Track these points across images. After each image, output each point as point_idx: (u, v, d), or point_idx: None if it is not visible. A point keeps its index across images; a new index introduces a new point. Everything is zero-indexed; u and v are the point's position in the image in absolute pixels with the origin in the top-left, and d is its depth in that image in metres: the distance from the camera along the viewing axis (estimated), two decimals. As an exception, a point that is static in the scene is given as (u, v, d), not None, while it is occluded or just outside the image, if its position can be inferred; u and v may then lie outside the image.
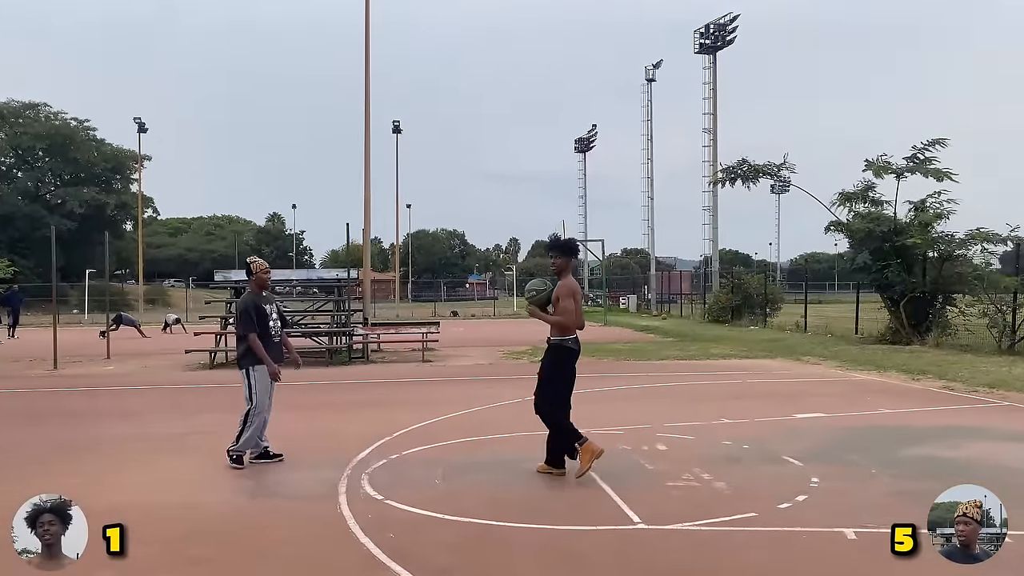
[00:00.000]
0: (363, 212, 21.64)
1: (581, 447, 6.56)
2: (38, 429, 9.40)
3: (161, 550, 4.90)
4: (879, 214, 19.51)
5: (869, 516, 5.44)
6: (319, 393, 12.60)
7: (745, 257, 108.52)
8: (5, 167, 70.13)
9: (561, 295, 6.59)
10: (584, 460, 6.52)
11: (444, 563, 4.62)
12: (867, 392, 11.82)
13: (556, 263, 6.90)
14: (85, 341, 23.48)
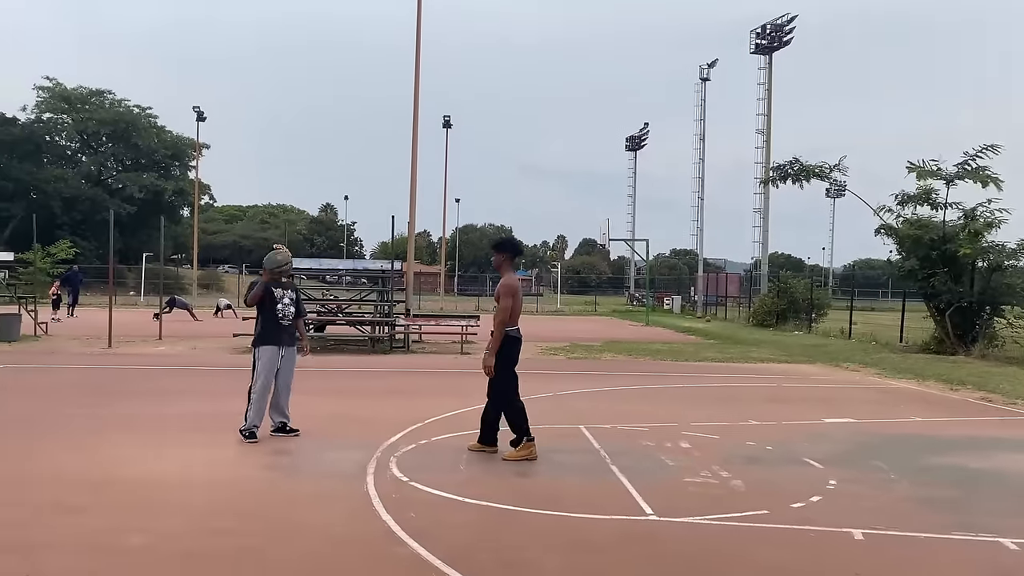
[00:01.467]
0: (409, 207, 22.02)
1: (527, 441, 7.14)
2: (89, 405, 9.88)
3: (191, 522, 5.21)
4: (928, 221, 19.22)
5: (880, 519, 5.54)
6: (358, 379, 12.97)
7: (798, 261, 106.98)
8: (71, 151, 72.52)
9: (501, 293, 7.14)
10: (518, 453, 7.11)
11: (459, 543, 4.85)
12: (902, 400, 11.76)
13: (495, 260, 7.53)
14: (139, 322, 24.28)
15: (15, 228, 58.59)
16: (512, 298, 7.16)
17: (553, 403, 10.70)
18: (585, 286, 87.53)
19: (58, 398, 10.28)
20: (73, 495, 5.71)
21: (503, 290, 7.17)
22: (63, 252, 34.51)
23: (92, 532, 4.92)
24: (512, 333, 7.22)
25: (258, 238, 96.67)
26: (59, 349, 16.82)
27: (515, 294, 7.21)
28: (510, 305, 7.14)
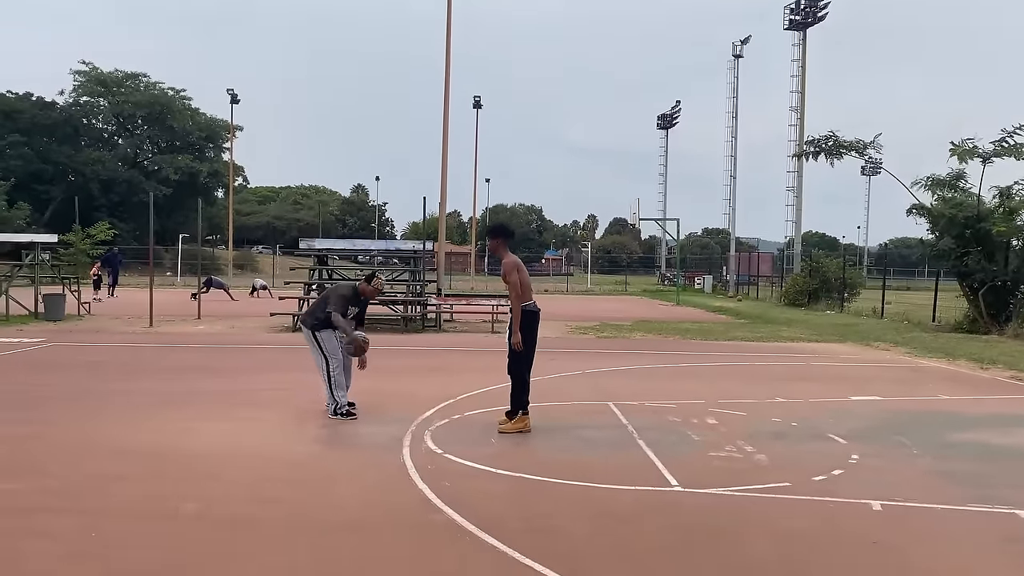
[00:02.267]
0: (440, 187, 22.25)
1: (522, 415, 7.43)
2: (136, 381, 10.28)
3: (240, 490, 5.52)
4: (963, 199, 19.05)
5: (900, 491, 5.70)
6: (392, 358, 13.26)
7: (832, 240, 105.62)
8: (107, 134, 73.74)
9: (507, 272, 7.37)
10: (513, 425, 7.39)
11: (492, 510, 5.09)
12: (930, 379, 11.80)
13: (489, 245, 7.94)
14: (177, 302, 24.87)
15: (55, 210, 59.85)
16: (519, 272, 7.43)
17: (582, 380, 10.92)
18: (616, 266, 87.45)
19: (105, 374, 10.70)
20: (126, 465, 6.05)
21: (508, 267, 7.42)
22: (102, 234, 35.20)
23: (146, 499, 5.24)
24: (528, 307, 7.46)
25: (291, 219, 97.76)
26: (103, 328, 17.35)
27: (520, 269, 7.48)
28: (518, 280, 7.38)
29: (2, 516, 4.80)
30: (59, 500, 5.16)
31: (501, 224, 8.64)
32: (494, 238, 7.95)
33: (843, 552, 4.55)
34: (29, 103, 64.38)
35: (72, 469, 5.92)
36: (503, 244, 7.74)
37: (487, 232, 8.35)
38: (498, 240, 7.83)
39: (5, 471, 5.83)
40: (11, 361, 11.93)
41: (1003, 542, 4.78)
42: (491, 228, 8.46)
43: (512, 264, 7.45)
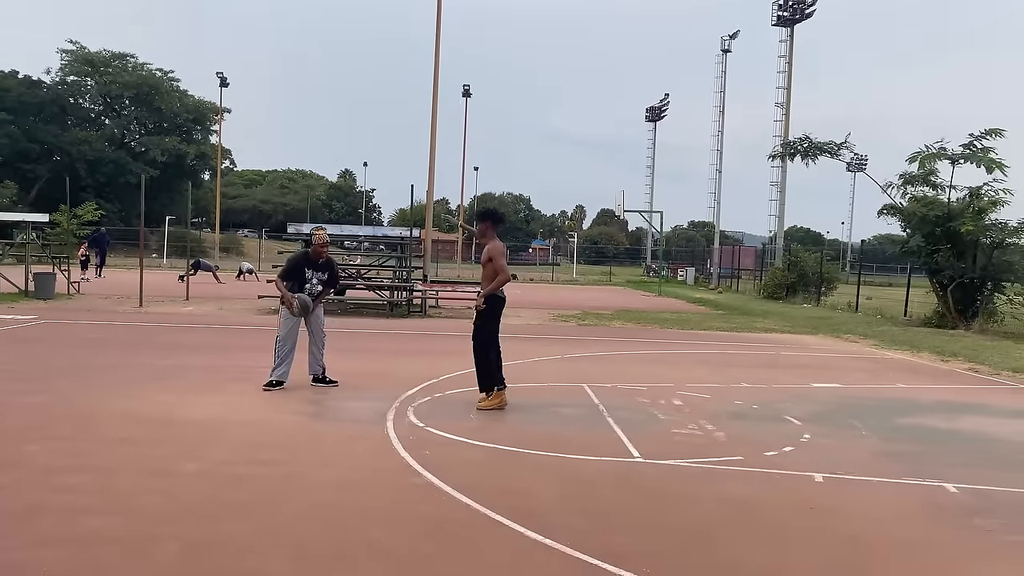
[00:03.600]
0: (427, 174, 22.66)
1: (499, 390, 7.93)
2: (132, 356, 10.70)
3: (237, 454, 6.00)
4: (934, 199, 19.69)
5: (842, 466, 6.25)
6: (378, 340, 13.75)
7: (817, 235, 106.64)
8: (94, 114, 73.46)
9: (494, 256, 7.84)
10: (491, 402, 7.88)
11: (467, 475, 5.59)
12: (892, 369, 12.39)
13: (479, 228, 8.33)
14: (164, 283, 25.20)
15: (41, 189, 59.74)
16: (504, 259, 7.94)
17: (560, 364, 11.43)
18: (602, 256, 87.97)
19: (101, 350, 11.11)
20: (130, 430, 6.51)
21: (495, 252, 7.89)
22: (89, 214, 35.35)
23: (151, 459, 5.71)
24: (499, 294, 7.97)
25: (277, 203, 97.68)
26: (93, 307, 17.69)
27: (504, 255, 8.00)
28: (505, 264, 7.90)
29: (26, 474, 5.26)
30: (73, 460, 5.61)
31: (492, 210, 9.05)
32: (484, 222, 8.35)
33: (781, 514, 5.08)
34: (15, 81, 64.10)
35: (82, 433, 6.37)
36: (492, 229, 8.18)
37: (478, 216, 8.70)
38: (487, 224, 8.24)
39: (22, 435, 6.27)
40: (8, 336, 12.31)
41: (926, 508, 5.33)
42: (482, 213, 8.78)
43: (501, 250, 7.92)
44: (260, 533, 4.38)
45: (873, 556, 4.42)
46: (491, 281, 7.89)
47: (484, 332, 8.00)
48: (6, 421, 6.72)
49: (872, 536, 4.73)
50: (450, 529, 4.58)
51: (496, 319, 8.04)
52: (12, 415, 6.95)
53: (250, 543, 4.23)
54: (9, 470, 5.31)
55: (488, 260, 7.94)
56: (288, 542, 4.27)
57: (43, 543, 4.10)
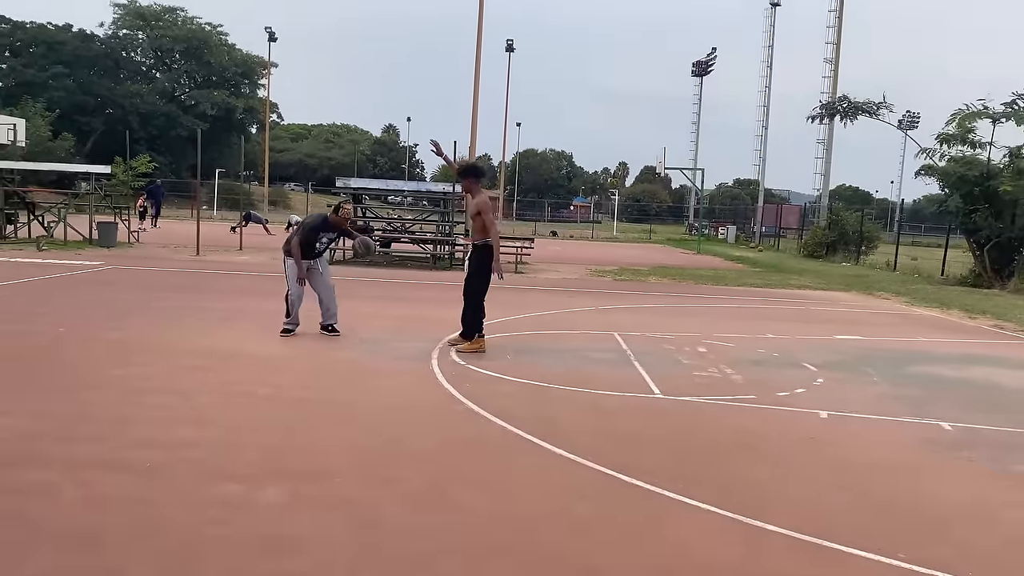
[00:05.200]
0: (470, 130, 23.17)
1: (479, 337, 8.42)
2: (196, 299, 11.56)
3: (301, 381, 6.76)
4: (972, 158, 19.71)
5: (848, 406, 6.80)
6: (421, 290, 14.48)
7: (865, 194, 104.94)
8: (146, 68, 74.86)
9: (482, 210, 8.34)
10: (470, 346, 8.36)
11: (502, 404, 6.26)
12: (917, 324, 12.78)
13: (463, 185, 8.77)
14: (217, 234, 26.21)
15: (95, 142, 61.41)
16: (491, 213, 8.46)
17: (594, 315, 12.05)
18: (645, 214, 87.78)
19: (166, 294, 11.99)
20: (205, 361, 7.30)
21: (483, 206, 8.40)
22: (143, 166, 36.62)
23: (227, 383, 6.49)
24: (489, 243, 8.45)
25: (323, 157, 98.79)
26: (154, 255, 18.70)
27: (492, 209, 8.51)
28: (492, 218, 8.45)
29: (117, 393, 6.06)
30: (157, 383, 6.41)
31: (473, 165, 9.53)
32: (467, 178, 8.74)
33: (783, 442, 5.68)
34: (70, 35, 65.54)
35: (162, 362, 7.17)
36: (476, 183, 8.70)
37: (459, 173, 8.98)
38: (470, 180, 8.71)
39: (110, 363, 7.11)
40: (81, 280, 13.27)
41: (917, 441, 5.88)
42: (463, 169, 9.00)
43: (486, 203, 8.47)
44: (322, 440, 5.12)
45: (857, 475, 5.01)
46: (480, 232, 8.46)
47: (481, 282, 8.54)
48: (95, 351, 7.57)
49: (860, 460, 5.32)
50: (484, 442, 5.28)
51: (489, 270, 8.50)
52: (99, 347, 7.79)
53: (315, 447, 4.97)
54: (105, 390, 6.12)
55: (477, 214, 8.47)
56: (346, 447, 5.00)
57: (139, 445, 4.86)
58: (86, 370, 6.80)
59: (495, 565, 3.55)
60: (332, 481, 4.42)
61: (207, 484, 4.27)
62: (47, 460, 4.52)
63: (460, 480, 4.56)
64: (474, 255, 8.69)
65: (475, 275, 8.62)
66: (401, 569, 3.45)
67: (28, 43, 63.86)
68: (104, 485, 4.20)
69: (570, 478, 4.69)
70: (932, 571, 3.65)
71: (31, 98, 52.16)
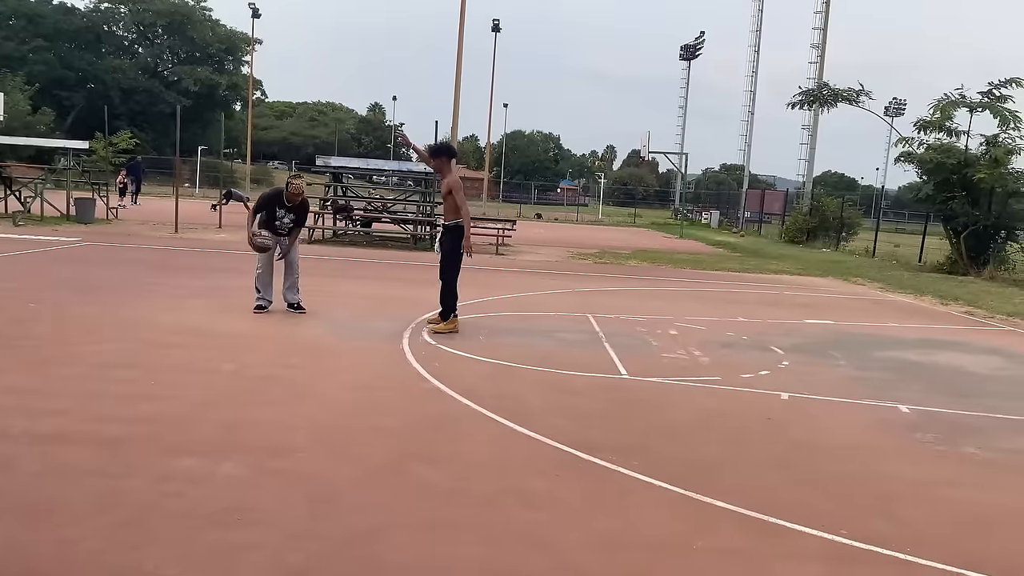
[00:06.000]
0: (452, 111, 23.10)
1: (453, 316, 8.51)
2: (170, 276, 11.54)
3: (268, 359, 6.79)
4: (950, 146, 19.88)
5: (810, 388, 6.91)
6: (399, 271, 14.50)
7: (851, 181, 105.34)
8: (127, 42, 74.04)
9: (453, 188, 8.34)
10: (445, 326, 8.43)
11: (470, 383, 6.33)
12: (889, 310, 12.94)
13: (434, 164, 8.74)
14: (198, 212, 26.05)
15: (76, 116, 60.78)
16: (463, 192, 8.46)
17: (570, 297, 12.12)
18: (631, 198, 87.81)
19: (142, 270, 11.96)
20: (171, 337, 7.32)
21: (455, 186, 8.38)
22: (124, 142, 36.39)
23: (191, 360, 6.52)
24: (461, 224, 8.48)
25: (307, 135, 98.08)
26: (132, 232, 18.61)
27: (462, 189, 8.50)
28: (464, 198, 8.44)
29: (88, 368, 6.08)
30: (125, 358, 6.44)
31: (446, 144, 9.49)
32: (438, 157, 8.74)
33: (741, 422, 5.79)
34: (51, 8, 64.79)
35: (131, 338, 7.19)
36: (447, 163, 8.71)
37: (431, 151, 8.95)
38: (442, 159, 8.73)
39: (81, 337, 7.12)
40: (57, 256, 13.21)
41: (874, 423, 6.00)
42: (436, 148, 9.02)
43: (458, 183, 8.45)
44: (285, 416, 5.17)
45: (809, 455, 5.12)
46: (452, 213, 8.46)
47: (455, 263, 8.56)
48: (65, 327, 7.57)
49: (814, 440, 5.43)
50: (447, 420, 5.35)
51: (460, 250, 8.55)
52: (69, 323, 7.79)
53: (276, 423, 5.02)
54: (71, 366, 6.14)
55: (448, 193, 8.45)
56: (308, 424, 5.06)
57: (106, 419, 4.89)
58: (55, 345, 6.81)
59: (444, 538, 3.62)
60: (292, 457, 4.47)
61: (166, 458, 4.31)
62: (8, 434, 4.54)
63: (419, 457, 4.62)
64: (446, 236, 8.69)
65: (448, 256, 8.64)
66: (349, 542, 3.51)
67: (7, 15, 63.03)
68: (63, 458, 4.24)
69: (528, 455, 4.77)
70: (871, 546, 3.76)
71: (10, 72, 51.55)
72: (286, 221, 8.96)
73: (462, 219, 8.49)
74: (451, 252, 8.62)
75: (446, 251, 8.67)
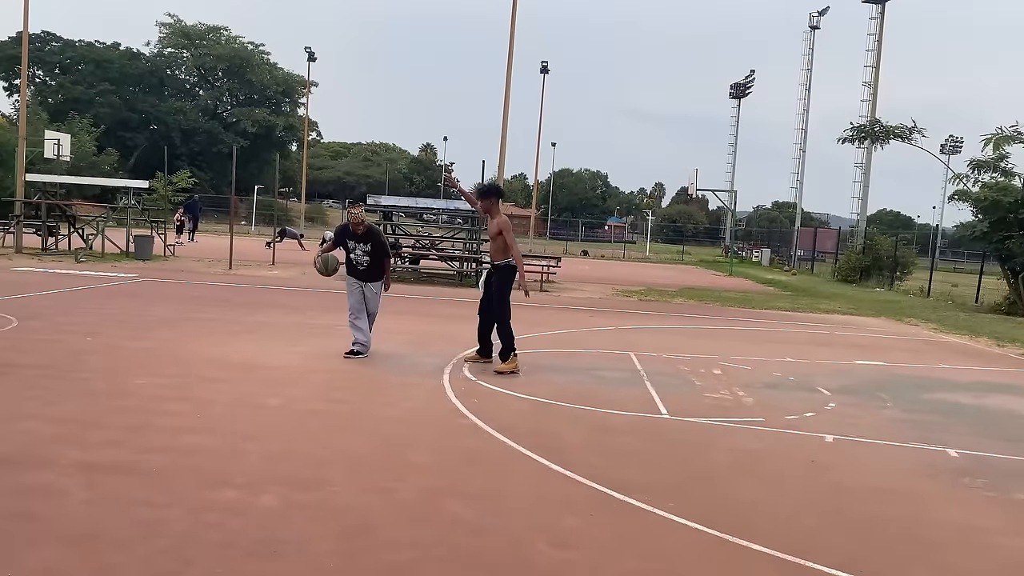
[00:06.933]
0: (499, 149, 23.40)
1: (514, 355, 8.45)
2: (223, 312, 11.84)
3: (313, 393, 6.92)
4: (1006, 184, 19.45)
5: (855, 431, 6.78)
6: (445, 306, 14.63)
7: (907, 219, 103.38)
8: (189, 85, 76.63)
9: (504, 229, 8.38)
10: (506, 366, 8.35)
11: (507, 420, 6.36)
12: (942, 351, 12.63)
13: (481, 205, 8.71)
14: (252, 249, 26.70)
15: (138, 157, 62.91)
16: (512, 232, 8.51)
17: (613, 335, 12.09)
18: (680, 235, 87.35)
19: (196, 306, 12.29)
20: (221, 372, 7.50)
21: (505, 226, 8.43)
22: (183, 181, 37.38)
23: (240, 395, 6.67)
24: (512, 263, 8.52)
25: (360, 174, 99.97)
26: (187, 268, 19.13)
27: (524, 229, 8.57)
28: (514, 238, 8.48)
29: (140, 401, 6.27)
30: (175, 392, 6.62)
31: (494, 185, 9.55)
32: (487, 198, 8.75)
33: (783, 464, 5.70)
34: (117, 53, 67.46)
35: (182, 372, 7.39)
36: (496, 204, 8.71)
37: (479, 192, 8.99)
38: (491, 200, 8.72)
39: (134, 371, 7.34)
40: (113, 291, 13.65)
41: (920, 466, 5.85)
42: (484, 189, 9.01)
43: (508, 223, 8.51)
44: (324, 450, 5.26)
45: (852, 498, 5.01)
46: (502, 253, 8.48)
47: (507, 302, 8.56)
48: (119, 361, 7.81)
49: (858, 484, 5.32)
50: (484, 457, 5.38)
51: (510, 290, 8.57)
52: (124, 356, 8.04)
53: (315, 457, 5.11)
54: (123, 398, 6.33)
55: (498, 233, 8.48)
56: (346, 457, 5.13)
57: (152, 450, 5.03)
58: (108, 378, 7.02)
59: (474, 575, 3.63)
60: (328, 490, 4.54)
61: (207, 489, 4.42)
62: (59, 463, 4.70)
63: (453, 492, 4.66)
64: (496, 276, 8.67)
65: (499, 296, 8.59)
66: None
67: (77, 61, 65.83)
68: (110, 487, 4.38)
69: (562, 493, 4.76)
70: (910, 594, 3.67)
71: (78, 114, 53.63)
72: (359, 253, 8.79)
73: (512, 259, 8.53)
74: (501, 292, 8.60)
75: (496, 291, 8.63)
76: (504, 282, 8.60)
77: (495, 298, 8.61)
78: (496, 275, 8.66)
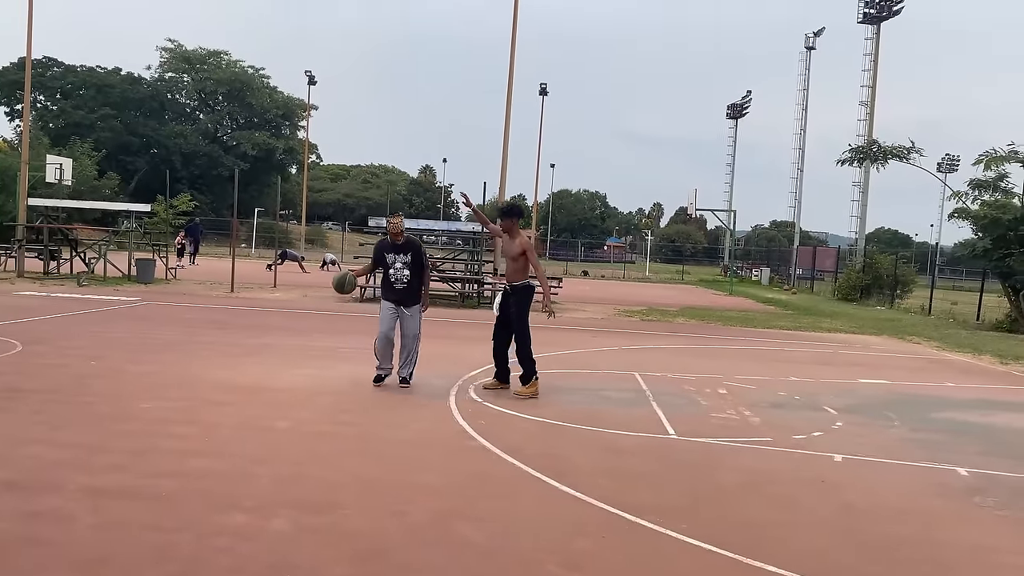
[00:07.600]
0: (500, 171, 23.50)
1: (535, 380, 8.32)
2: (226, 334, 11.82)
3: (321, 416, 6.90)
4: (1006, 202, 19.52)
5: (864, 450, 6.75)
6: (448, 328, 14.61)
7: (905, 237, 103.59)
8: (190, 109, 76.99)
9: (527, 249, 8.33)
10: (527, 389, 8.25)
11: (514, 441, 6.34)
12: (946, 369, 12.61)
13: (502, 225, 8.52)
14: (253, 271, 26.73)
15: (139, 181, 63.11)
16: (535, 252, 8.49)
17: (617, 354, 12.08)
18: (679, 255, 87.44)
19: (198, 329, 12.28)
20: (228, 395, 7.49)
21: (527, 246, 8.39)
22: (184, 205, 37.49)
23: (247, 418, 6.65)
24: (531, 283, 8.48)
25: (360, 197, 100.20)
26: (189, 291, 19.14)
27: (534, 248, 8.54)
28: (536, 257, 8.44)
29: (144, 424, 6.25)
30: (181, 415, 6.60)
31: (516, 205, 9.45)
32: (508, 219, 8.47)
33: (792, 484, 5.67)
34: (119, 78, 67.82)
35: (188, 395, 7.37)
36: (516, 224, 8.57)
37: (501, 213, 8.72)
38: (512, 220, 8.53)
39: (139, 395, 7.32)
40: (116, 315, 13.64)
41: (930, 485, 5.83)
42: (506, 209, 8.77)
43: (530, 244, 8.51)
44: (333, 473, 5.24)
45: (863, 518, 4.98)
46: (521, 272, 8.38)
47: (526, 325, 8.40)
48: (124, 384, 7.80)
49: (868, 504, 5.29)
50: (491, 478, 5.36)
51: (528, 311, 8.46)
52: (128, 380, 8.02)
53: (325, 480, 5.09)
54: (128, 422, 6.31)
55: (521, 253, 8.36)
56: (355, 480, 5.11)
57: (159, 475, 5.01)
58: (113, 402, 7.00)
59: (489, 598, 3.61)
60: (338, 513, 4.52)
61: (217, 513, 4.39)
62: (66, 488, 4.68)
63: (463, 515, 4.63)
64: (514, 297, 8.45)
65: (518, 319, 8.38)
66: (396, 599, 3.53)
67: (79, 86, 66.17)
68: (117, 512, 4.35)
69: (572, 515, 4.74)
70: (927, 615, 3.64)
71: (79, 139, 53.86)
72: (399, 267, 8.30)
73: (536, 279, 8.47)
74: (520, 314, 8.40)
75: (515, 313, 8.40)
76: (523, 304, 8.44)
77: (515, 321, 8.40)
78: (514, 296, 8.44)
